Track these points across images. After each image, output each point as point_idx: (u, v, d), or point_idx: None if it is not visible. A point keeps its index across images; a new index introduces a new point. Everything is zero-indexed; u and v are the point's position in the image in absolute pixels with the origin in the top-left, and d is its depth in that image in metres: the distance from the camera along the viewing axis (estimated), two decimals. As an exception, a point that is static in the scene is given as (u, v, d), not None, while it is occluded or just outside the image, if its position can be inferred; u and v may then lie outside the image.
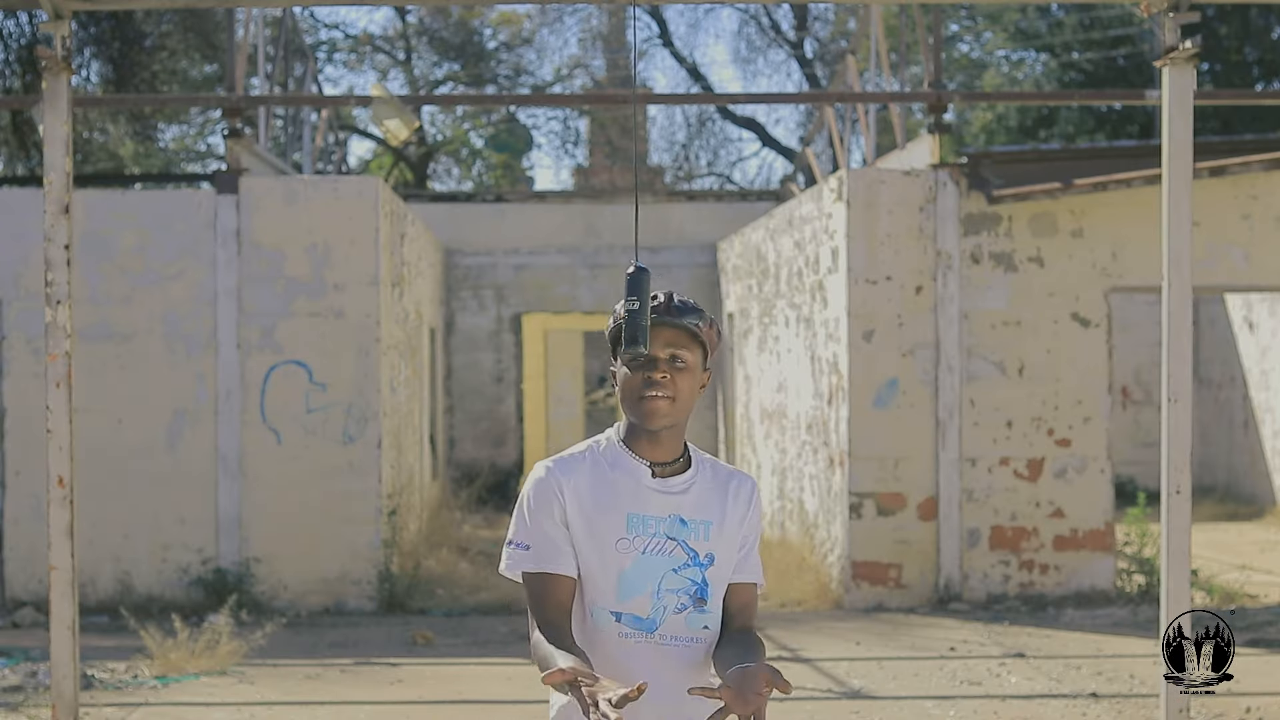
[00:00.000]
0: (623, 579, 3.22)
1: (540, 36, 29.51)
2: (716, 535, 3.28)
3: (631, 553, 3.22)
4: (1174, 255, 7.05)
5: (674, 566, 3.24)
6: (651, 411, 3.23)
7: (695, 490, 3.30)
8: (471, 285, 19.12)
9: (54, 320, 7.22)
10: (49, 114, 7.26)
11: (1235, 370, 19.02)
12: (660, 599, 3.23)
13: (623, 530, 3.23)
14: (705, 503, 3.29)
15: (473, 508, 17.01)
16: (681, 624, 3.25)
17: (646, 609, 3.23)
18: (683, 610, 3.24)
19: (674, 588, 3.24)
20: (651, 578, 3.23)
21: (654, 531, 3.24)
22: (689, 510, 3.27)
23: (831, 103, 16.33)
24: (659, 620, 3.23)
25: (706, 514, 3.28)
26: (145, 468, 11.45)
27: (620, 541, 3.22)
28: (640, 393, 3.23)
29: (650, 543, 3.24)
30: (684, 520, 3.26)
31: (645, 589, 3.22)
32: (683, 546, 3.25)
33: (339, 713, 8.37)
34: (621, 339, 3.21)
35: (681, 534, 3.26)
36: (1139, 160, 11.91)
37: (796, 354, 13.42)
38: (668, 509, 3.26)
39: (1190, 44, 7.04)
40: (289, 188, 11.67)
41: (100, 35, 19.50)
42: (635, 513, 3.24)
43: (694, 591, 3.25)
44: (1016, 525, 11.54)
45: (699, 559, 3.26)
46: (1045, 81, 25.50)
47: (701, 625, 3.27)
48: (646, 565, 3.23)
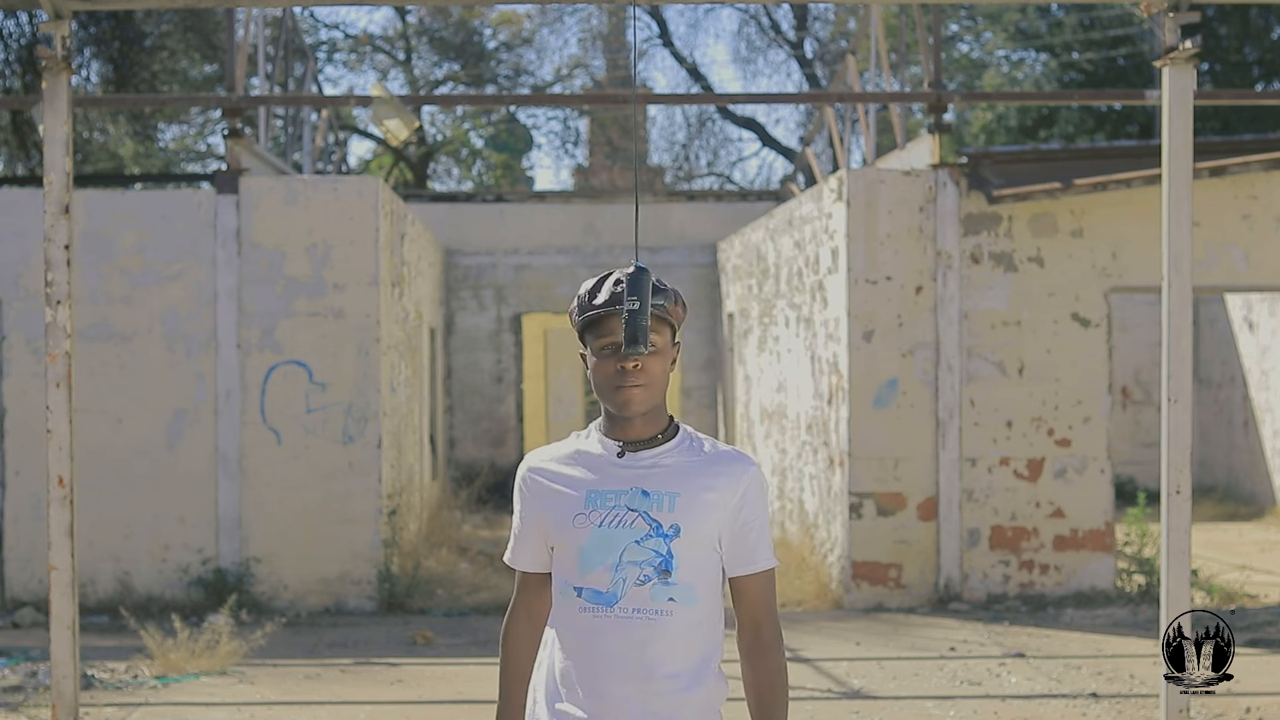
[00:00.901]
0: (581, 554, 3.26)
1: (540, 36, 29.54)
2: (684, 507, 3.26)
3: (587, 526, 3.26)
4: (1174, 255, 7.05)
5: (636, 538, 3.25)
6: (626, 400, 3.26)
7: (666, 464, 3.30)
8: (471, 285, 19.12)
9: (54, 320, 7.22)
10: (49, 114, 7.26)
11: (1235, 370, 19.03)
12: (620, 571, 3.24)
13: (580, 506, 3.28)
14: (676, 475, 3.29)
15: (473, 508, 17.02)
16: (645, 596, 3.24)
17: (606, 582, 3.24)
18: (646, 582, 3.24)
19: (636, 559, 3.24)
20: (610, 550, 3.24)
21: (612, 505, 3.26)
22: (654, 482, 3.28)
23: (831, 103, 16.33)
24: (619, 593, 3.24)
25: (673, 486, 3.28)
26: (145, 468, 11.45)
27: (577, 517, 3.27)
28: (615, 382, 3.26)
29: (608, 515, 3.26)
30: (645, 492, 3.27)
31: (604, 561, 3.25)
32: (644, 517, 3.25)
33: (339, 713, 8.37)
34: (623, 337, 3.22)
35: (642, 505, 3.26)
36: (1139, 160, 11.91)
37: (796, 354, 13.42)
38: (629, 482, 3.28)
39: (1190, 44, 7.04)
40: (289, 188, 11.67)
41: (100, 35, 19.50)
42: (595, 489, 3.29)
43: (658, 563, 3.24)
44: (1016, 525, 11.54)
45: (662, 530, 3.25)
46: (1045, 81, 25.50)
47: (667, 597, 3.24)
48: (604, 537, 3.25)
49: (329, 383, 11.48)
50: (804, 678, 9.10)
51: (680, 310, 3.34)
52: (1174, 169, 7.06)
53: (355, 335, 11.51)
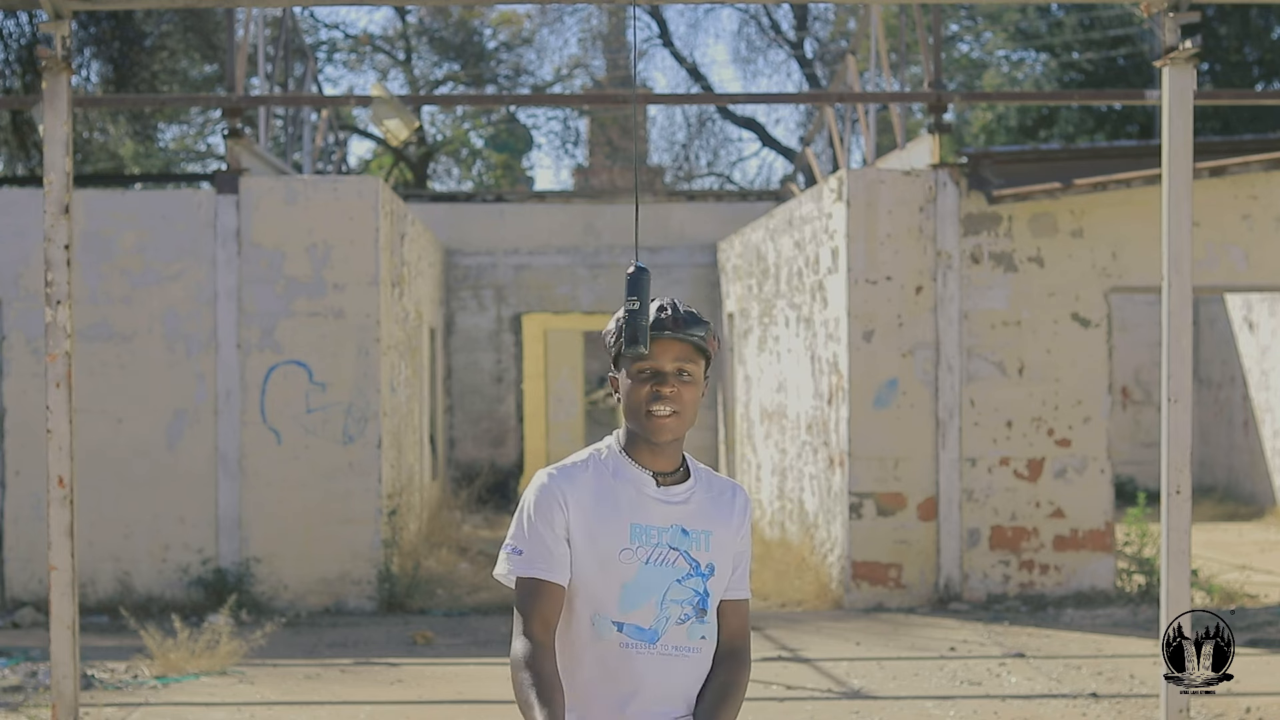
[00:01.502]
0: (626, 589, 3.22)
1: (540, 36, 29.54)
2: (717, 546, 3.29)
3: (635, 563, 3.22)
4: (1174, 255, 7.05)
5: (678, 577, 3.25)
6: (659, 427, 3.24)
7: (695, 500, 3.30)
8: (471, 285, 19.12)
9: (54, 320, 7.22)
10: (49, 114, 7.26)
11: (1235, 370, 19.02)
12: (664, 609, 3.23)
13: (626, 540, 3.22)
14: (704, 513, 3.30)
15: (473, 508, 17.02)
16: (683, 634, 3.26)
17: (650, 619, 3.23)
18: (685, 621, 3.25)
19: (678, 598, 3.25)
20: (656, 589, 3.23)
21: (656, 541, 3.24)
22: (690, 520, 3.27)
23: (831, 103, 16.33)
24: (661, 631, 3.23)
25: (706, 524, 3.29)
26: (145, 468, 11.45)
27: (624, 552, 3.22)
28: (647, 407, 3.23)
29: (653, 553, 3.24)
30: (686, 530, 3.26)
31: (649, 599, 3.23)
32: (685, 557, 3.26)
33: (339, 713, 8.37)
34: (621, 339, 3.20)
35: (684, 544, 3.26)
36: (1139, 160, 11.91)
37: (796, 354, 13.42)
38: (670, 519, 3.26)
39: (1190, 44, 7.04)
40: (289, 188, 11.67)
41: (100, 35, 19.50)
42: (638, 523, 3.24)
43: (696, 602, 3.26)
44: (1016, 525, 11.54)
45: (700, 569, 3.27)
46: (1045, 81, 25.50)
47: (700, 635, 3.28)
48: (650, 576, 3.23)
49: (329, 383, 11.48)
50: (804, 678, 9.10)
51: (716, 343, 3.33)
52: (1174, 169, 7.06)
53: (355, 335, 11.51)
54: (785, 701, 8.52)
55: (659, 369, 3.23)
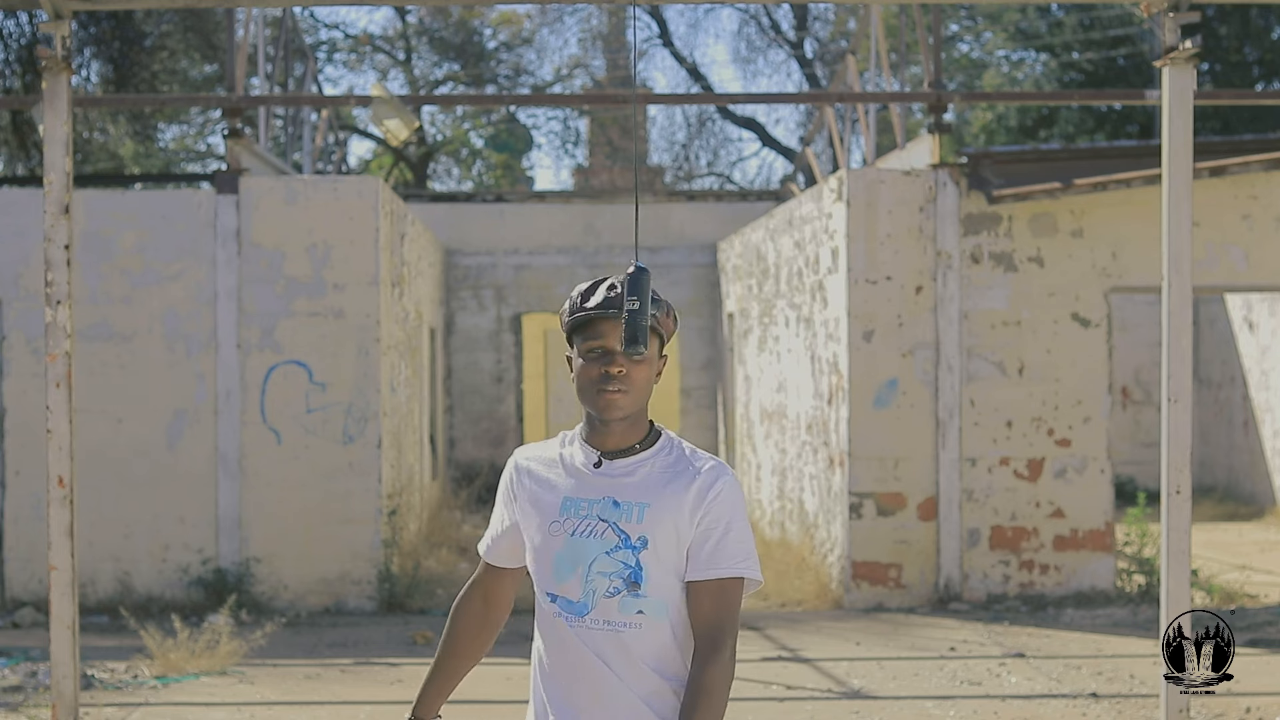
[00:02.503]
0: (556, 561, 3.26)
1: (540, 36, 29.54)
2: (653, 518, 3.22)
3: (561, 534, 3.26)
4: (1174, 255, 7.05)
5: (606, 549, 3.23)
6: (608, 404, 3.25)
7: (640, 473, 3.27)
8: (471, 285, 19.12)
9: (54, 320, 7.22)
10: (49, 114, 7.26)
11: (1235, 370, 19.02)
12: (590, 582, 3.22)
13: (556, 514, 3.29)
14: (646, 486, 3.25)
15: (473, 508, 17.01)
16: (614, 608, 3.21)
17: (577, 592, 3.24)
18: (615, 594, 3.21)
19: (605, 570, 3.22)
20: (581, 560, 3.24)
21: (584, 514, 3.26)
22: (626, 493, 3.25)
23: (831, 103, 16.33)
24: (590, 604, 3.23)
25: (643, 496, 3.24)
26: (145, 468, 11.45)
27: (553, 524, 3.28)
28: (598, 385, 3.24)
29: (580, 524, 3.25)
30: (617, 502, 3.25)
31: (575, 571, 3.24)
32: (613, 528, 3.23)
33: (339, 713, 8.37)
34: (622, 336, 3.20)
35: (613, 515, 3.24)
36: (1139, 160, 11.91)
37: (796, 354, 13.42)
38: (602, 491, 3.27)
39: (1190, 44, 7.04)
40: (289, 188, 11.67)
41: (100, 35, 19.50)
42: (571, 496, 3.28)
43: (626, 575, 3.21)
44: (1016, 525, 11.54)
45: (630, 541, 3.22)
46: (1045, 81, 25.50)
47: (635, 609, 3.21)
48: (576, 547, 3.24)
49: (329, 383, 11.48)
50: (804, 678, 9.10)
51: (671, 323, 3.32)
52: (1174, 169, 7.06)
53: (355, 335, 11.51)
54: (785, 701, 8.53)
55: (608, 348, 3.23)
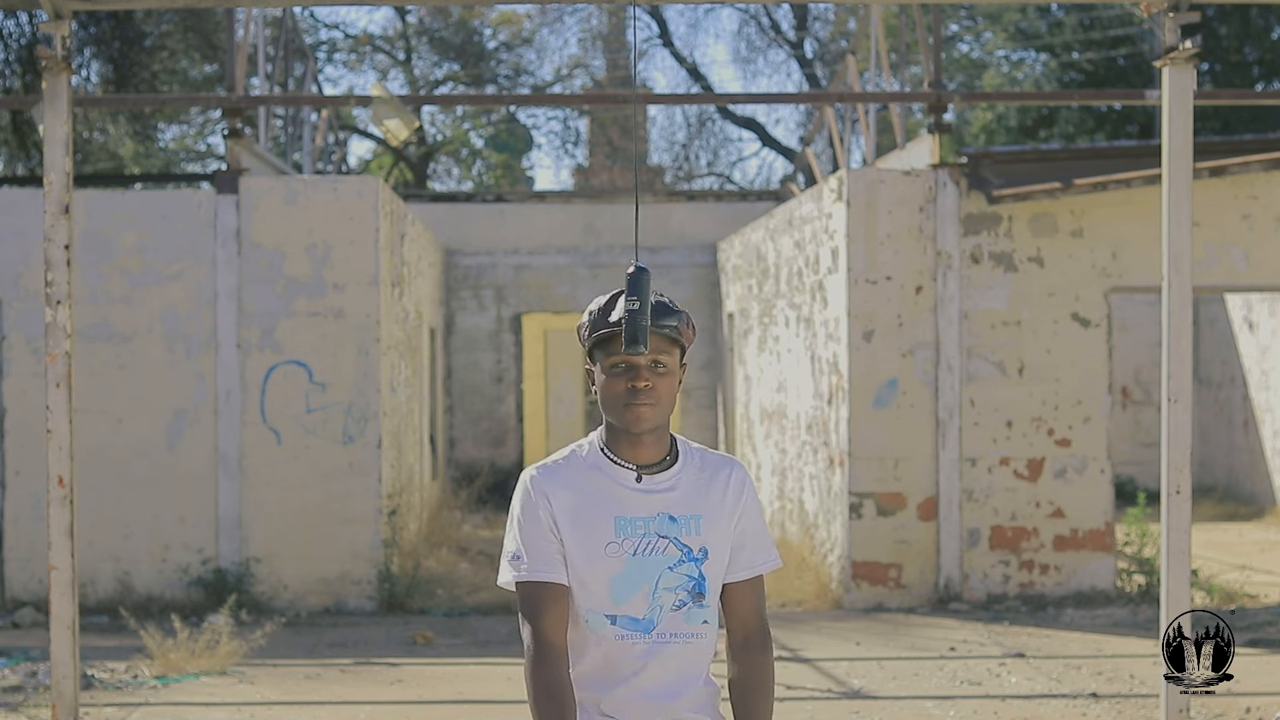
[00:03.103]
0: (614, 583, 3.23)
1: (540, 36, 29.54)
2: (708, 529, 3.28)
3: (621, 555, 3.23)
4: (1174, 255, 7.05)
5: (669, 564, 3.25)
6: (636, 418, 3.23)
7: (682, 485, 3.29)
8: (471, 285, 19.12)
9: (54, 320, 7.22)
10: (49, 114, 7.26)
11: (1235, 370, 19.02)
12: (657, 598, 3.24)
13: (611, 534, 3.23)
14: (692, 497, 3.29)
15: (473, 508, 17.02)
16: (680, 620, 3.25)
17: (642, 609, 3.23)
18: (681, 607, 3.25)
19: (671, 585, 3.24)
20: (646, 578, 3.23)
21: (643, 532, 3.24)
22: (677, 506, 3.27)
23: (831, 103, 16.33)
24: (656, 620, 3.24)
25: (695, 508, 3.28)
26: (145, 468, 11.45)
27: (609, 545, 3.23)
28: (625, 400, 3.23)
29: (640, 543, 3.24)
30: (673, 517, 3.26)
31: (640, 590, 3.23)
32: (675, 543, 3.25)
33: (339, 713, 8.37)
34: (622, 339, 3.20)
35: (672, 531, 3.26)
36: (1139, 160, 11.91)
37: (796, 354, 13.42)
38: (654, 508, 3.26)
39: (1190, 44, 7.04)
40: (289, 188, 11.67)
41: (100, 35, 19.50)
42: (622, 515, 3.25)
43: (691, 587, 3.26)
44: (1016, 525, 11.54)
45: (693, 554, 3.26)
46: (1045, 81, 25.50)
47: (701, 620, 3.27)
48: (639, 566, 3.23)
49: (329, 383, 11.48)
50: (804, 678, 9.10)
51: (690, 333, 3.33)
52: (1174, 169, 7.06)
53: (355, 335, 11.51)
54: (785, 701, 8.52)
55: (633, 362, 3.24)
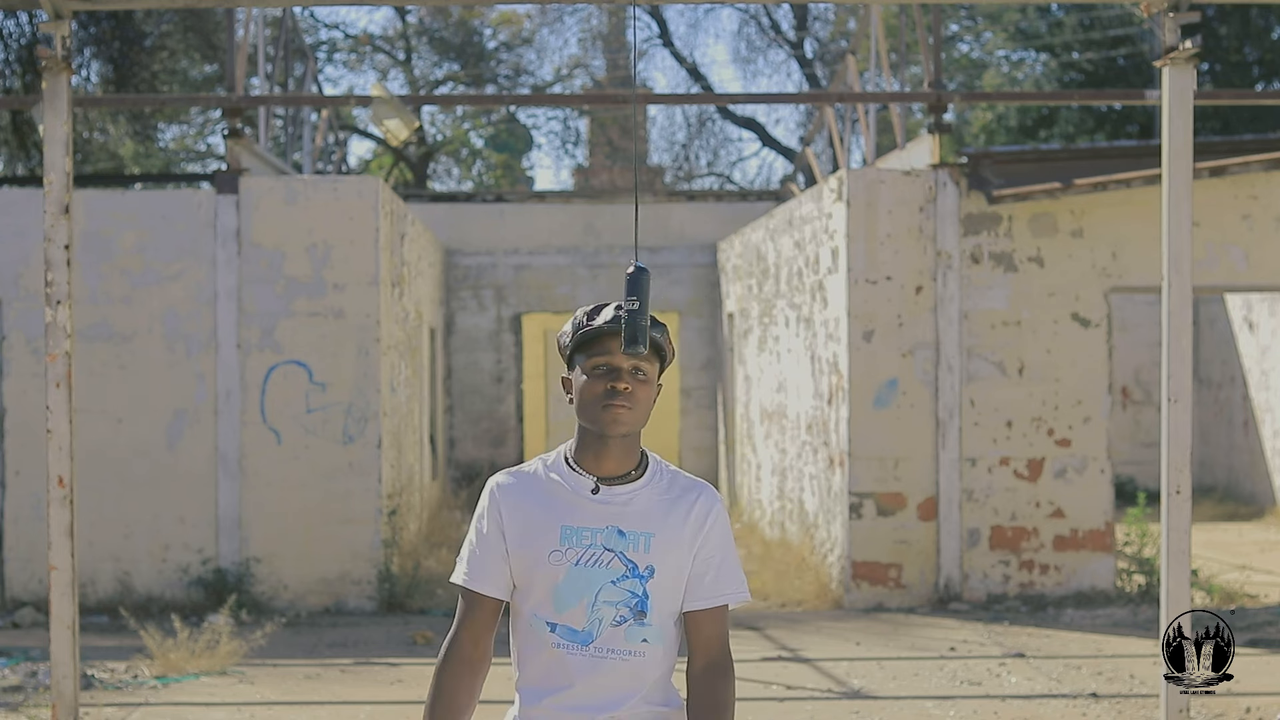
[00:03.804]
0: (556, 591, 3.22)
1: (540, 36, 29.54)
2: (659, 548, 3.24)
3: (564, 564, 3.22)
4: (1174, 255, 7.05)
5: (612, 578, 3.22)
6: (613, 419, 3.22)
7: (640, 501, 3.26)
8: (471, 285, 19.12)
9: (54, 320, 7.22)
10: (49, 114, 7.26)
11: (1235, 370, 19.02)
12: (596, 610, 3.21)
13: (555, 542, 3.23)
14: (649, 514, 3.26)
15: (472, 508, 17.01)
16: (620, 636, 3.22)
17: (582, 621, 3.22)
18: (621, 623, 3.22)
19: (612, 600, 3.22)
20: (587, 590, 3.21)
21: (589, 543, 3.23)
22: (629, 521, 3.24)
23: (831, 103, 16.33)
24: (595, 633, 3.22)
25: (648, 526, 3.25)
26: (145, 468, 11.45)
27: (553, 554, 3.23)
28: (603, 400, 3.22)
29: (584, 554, 3.22)
30: (622, 531, 3.23)
31: (580, 601, 3.21)
32: (620, 558, 3.23)
33: (339, 713, 8.37)
34: (621, 339, 3.20)
35: (619, 545, 3.23)
36: (1139, 160, 11.91)
37: (796, 354, 13.42)
38: (605, 519, 3.24)
39: (1190, 44, 7.04)
40: (289, 188, 11.67)
41: (100, 35, 19.50)
42: (569, 525, 3.24)
43: (634, 604, 3.22)
44: (1016, 525, 11.54)
45: (638, 571, 3.23)
46: (1045, 81, 25.50)
47: (640, 639, 3.23)
48: (580, 577, 3.22)
49: (329, 383, 11.48)
50: (804, 678, 9.10)
51: (670, 349, 3.33)
52: (1174, 169, 7.06)
53: (355, 335, 11.51)
54: (785, 701, 8.52)
55: (614, 365, 3.23)
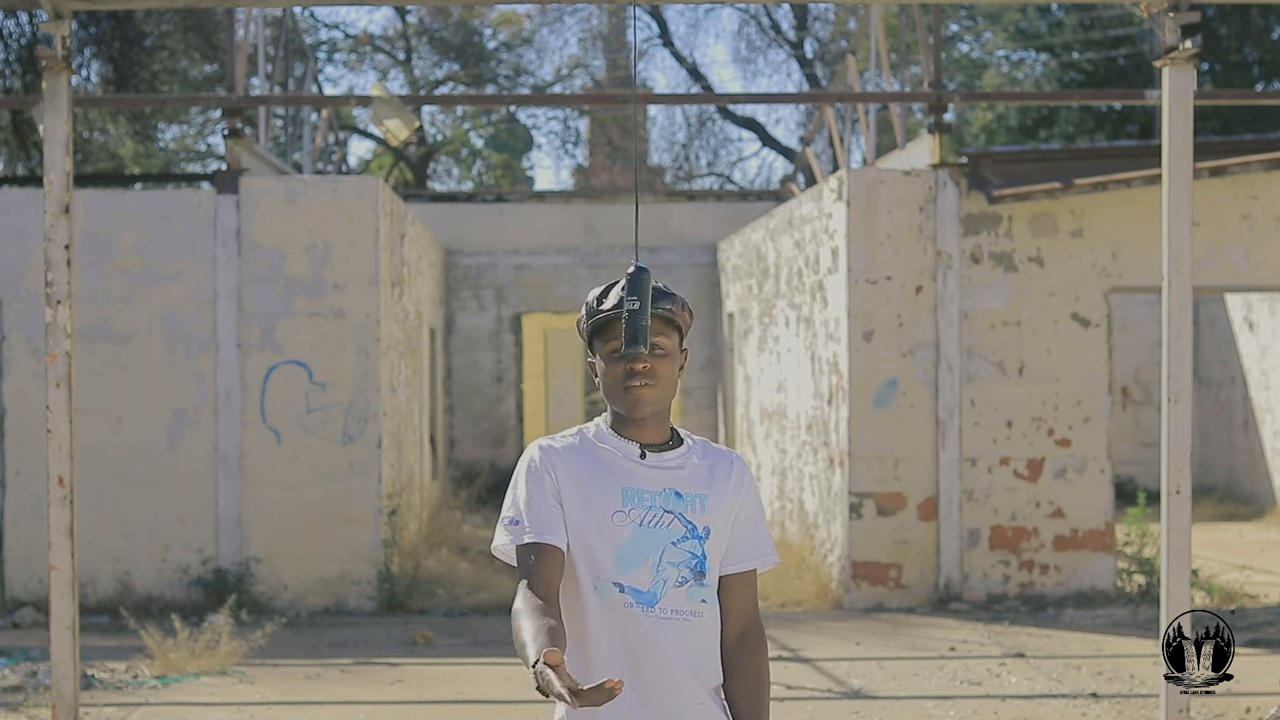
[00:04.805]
0: (620, 551, 3.24)
1: (540, 36, 29.52)
2: (712, 509, 3.30)
3: (628, 524, 3.24)
4: (1174, 255, 7.05)
5: (673, 539, 3.26)
6: (637, 400, 3.26)
7: (689, 466, 3.32)
8: (471, 285, 19.12)
9: (54, 320, 7.22)
10: (49, 114, 7.26)
11: (1235, 370, 19.02)
12: (661, 572, 3.24)
13: (618, 503, 3.25)
14: (698, 478, 3.32)
15: (473, 508, 17.02)
16: (682, 597, 3.25)
17: (646, 582, 3.23)
18: (684, 584, 3.26)
19: (675, 561, 3.25)
20: (651, 550, 3.24)
21: (649, 504, 3.26)
22: (684, 484, 3.29)
23: (831, 103, 16.33)
24: (660, 594, 3.24)
25: (700, 488, 3.30)
26: (145, 468, 11.45)
27: (616, 514, 3.24)
28: (624, 383, 3.26)
29: (647, 515, 3.26)
30: (679, 493, 3.28)
31: (645, 561, 3.24)
32: (680, 519, 3.27)
33: (339, 713, 8.37)
34: (621, 330, 3.22)
35: (678, 507, 3.27)
36: (1139, 160, 11.91)
37: (796, 354, 13.42)
38: (662, 483, 3.28)
39: (1190, 44, 7.04)
40: (289, 188, 11.67)
41: (100, 35, 19.50)
42: (630, 486, 3.26)
43: (694, 565, 3.27)
44: (1016, 525, 11.54)
45: (697, 531, 3.28)
46: (1045, 81, 25.50)
47: (700, 599, 3.27)
48: (644, 537, 3.24)
49: (329, 383, 11.48)
50: (804, 678, 9.10)
51: (687, 316, 3.36)
52: (1174, 169, 7.06)
53: (355, 335, 11.51)
54: (785, 701, 8.52)
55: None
